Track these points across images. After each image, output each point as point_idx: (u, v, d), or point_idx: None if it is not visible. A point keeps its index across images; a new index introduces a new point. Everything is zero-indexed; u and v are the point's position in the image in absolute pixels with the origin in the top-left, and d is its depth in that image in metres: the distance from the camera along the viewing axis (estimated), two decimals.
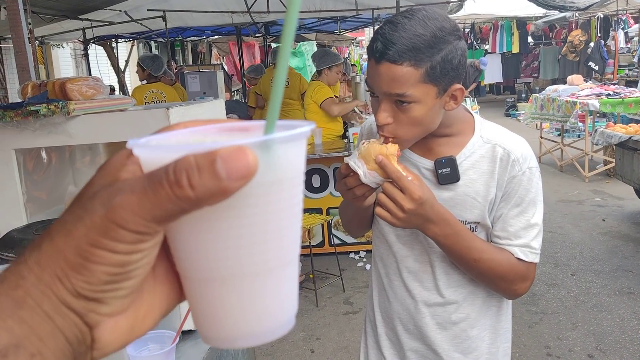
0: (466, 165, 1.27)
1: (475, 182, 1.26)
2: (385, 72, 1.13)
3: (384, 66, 1.13)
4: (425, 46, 1.10)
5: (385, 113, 1.17)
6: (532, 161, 1.27)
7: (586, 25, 14.51)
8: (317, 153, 4.75)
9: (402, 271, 1.36)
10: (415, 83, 1.12)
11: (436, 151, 1.29)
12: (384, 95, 1.16)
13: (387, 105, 1.16)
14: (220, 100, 1.76)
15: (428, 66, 1.12)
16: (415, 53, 1.10)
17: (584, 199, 6.52)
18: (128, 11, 7.56)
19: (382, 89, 1.15)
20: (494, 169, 1.26)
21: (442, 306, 1.34)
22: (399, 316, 1.39)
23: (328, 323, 3.88)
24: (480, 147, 1.28)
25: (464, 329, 1.34)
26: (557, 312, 3.82)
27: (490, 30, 16.34)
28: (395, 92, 1.13)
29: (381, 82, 1.14)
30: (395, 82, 1.13)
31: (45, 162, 1.53)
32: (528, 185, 1.26)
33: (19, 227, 1.35)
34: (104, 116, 1.43)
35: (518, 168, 1.25)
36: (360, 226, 1.47)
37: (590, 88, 7.89)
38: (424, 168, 1.30)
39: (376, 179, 1.14)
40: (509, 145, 1.27)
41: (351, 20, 11.08)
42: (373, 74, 1.16)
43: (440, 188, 1.27)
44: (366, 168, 1.13)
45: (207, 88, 9.27)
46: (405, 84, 1.12)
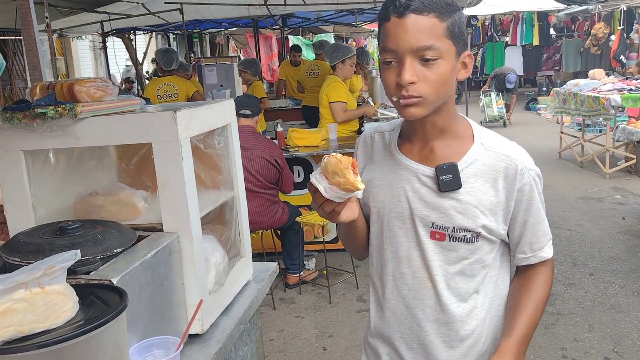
0: (468, 173, 1.23)
1: (478, 190, 1.23)
2: (412, 24, 1.11)
3: (410, 19, 1.11)
4: (445, 3, 1.13)
5: (410, 71, 1.13)
6: (534, 166, 1.28)
7: (609, 18, 14.22)
8: (332, 149, 4.72)
9: (401, 289, 1.32)
10: (441, 36, 1.12)
11: (435, 158, 1.26)
12: (410, 52, 1.12)
13: (412, 63, 1.13)
14: (230, 101, 1.74)
15: (449, 22, 1.13)
16: (439, 5, 1.11)
17: (604, 196, 6.41)
18: (145, 4, 7.57)
19: (410, 44, 1.12)
20: (497, 178, 1.23)
21: (446, 324, 1.30)
22: (401, 335, 1.35)
23: (341, 320, 3.86)
24: (482, 155, 1.25)
25: (471, 345, 1.31)
26: (573, 313, 3.76)
27: (511, 22, 16.09)
28: (423, 45, 1.11)
29: (407, 37, 1.11)
30: (422, 34, 1.11)
31: (53, 163, 1.52)
32: (538, 190, 1.27)
33: (26, 230, 1.35)
34: (111, 118, 1.42)
35: (527, 175, 1.24)
36: (356, 246, 1.42)
37: (612, 83, 7.72)
38: (423, 175, 1.26)
39: (338, 194, 1.10)
40: (513, 154, 1.26)
41: (369, 12, 10.98)
42: (396, 31, 1.13)
43: (442, 195, 1.23)
44: (327, 183, 1.10)
45: (224, 80, 9.27)
46: (432, 36, 1.12)
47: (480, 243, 1.26)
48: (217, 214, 1.67)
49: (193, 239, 1.42)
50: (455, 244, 1.25)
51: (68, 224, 1.29)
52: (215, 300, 1.56)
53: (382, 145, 1.37)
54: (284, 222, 4.14)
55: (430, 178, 1.25)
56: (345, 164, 1.08)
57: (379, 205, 1.32)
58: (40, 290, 0.98)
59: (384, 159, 1.34)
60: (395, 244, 1.31)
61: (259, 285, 1.84)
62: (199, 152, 1.55)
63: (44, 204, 1.52)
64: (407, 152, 1.30)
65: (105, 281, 1.15)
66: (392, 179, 1.30)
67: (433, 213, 1.24)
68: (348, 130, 5.28)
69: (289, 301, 4.24)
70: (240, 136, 4.42)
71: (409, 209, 1.27)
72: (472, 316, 1.30)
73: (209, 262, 1.54)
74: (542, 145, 9.42)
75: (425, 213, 1.25)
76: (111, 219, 1.43)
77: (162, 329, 1.33)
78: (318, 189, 1.11)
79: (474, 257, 1.27)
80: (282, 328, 3.82)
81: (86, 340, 0.97)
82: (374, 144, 1.38)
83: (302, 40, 13.55)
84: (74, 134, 1.40)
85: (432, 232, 1.25)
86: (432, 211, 1.24)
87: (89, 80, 1.46)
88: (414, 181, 1.26)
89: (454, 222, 1.23)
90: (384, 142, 1.37)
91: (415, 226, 1.27)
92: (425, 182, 1.25)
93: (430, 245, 1.26)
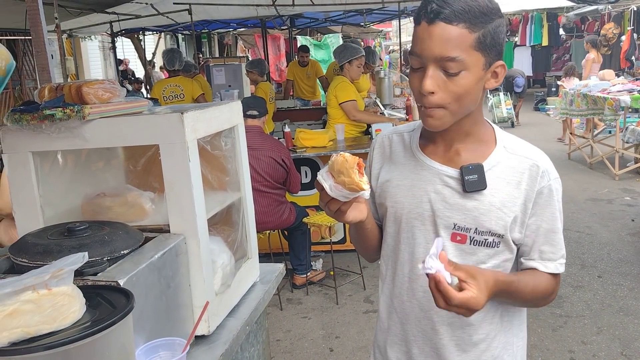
0: (492, 175, 1.23)
1: (501, 192, 1.22)
2: (439, 33, 1.09)
3: (438, 27, 1.09)
4: (480, 12, 1.09)
5: (432, 80, 1.12)
6: (556, 172, 1.27)
7: (619, 18, 14.12)
8: (339, 149, 4.72)
9: (417, 291, 1.31)
10: (468, 48, 1.10)
11: (459, 160, 1.25)
12: (434, 60, 1.11)
13: (435, 73, 1.12)
14: (237, 103, 1.74)
15: (481, 33, 1.10)
16: (471, 16, 1.09)
17: (613, 198, 6.36)
18: (154, 4, 7.60)
19: (433, 52, 1.10)
20: (520, 181, 1.23)
21: (461, 328, 1.29)
22: (414, 338, 1.34)
23: (348, 321, 3.86)
24: (506, 159, 1.25)
25: (484, 349, 1.30)
26: (582, 316, 3.74)
27: (520, 22, 16.02)
28: (447, 55, 1.10)
29: (433, 45, 1.10)
30: (448, 44, 1.09)
31: (61, 165, 1.53)
32: (557, 197, 1.26)
33: (34, 231, 1.36)
34: (119, 120, 1.42)
35: (547, 179, 1.24)
36: (366, 247, 1.42)
37: (621, 84, 7.67)
38: (447, 176, 1.25)
39: (343, 193, 1.10)
40: (536, 157, 1.25)
41: (377, 13, 10.99)
42: (423, 37, 1.11)
43: (465, 196, 1.23)
44: (333, 182, 1.10)
45: (232, 81, 9.30)
46: (458, 47, 1.09)
47: (501, 249, 1.24)
48: (223, 216, 1.67)
49: (200, 241, 1.43)
50: (476, 247, 1.24)
51: (76, 225, 1.30)
52: (221, 301, 1.56)
53: (402, 146, 1.36)
54: (291, 223, 4.14)
55: (454, 179, 1.24)
56: (350, 163, 1.08)
57: (398, 205, 1.31)
58: (48, 291, 0.99)
59: (405, 160, 1.33)
60: (413, 245, 1.30)
61: (266, 287, 1.84)
62: (206, 153, 1.56)
63: (53, 205, 1.52)
64: (431, 153, 1.29)
65: (112, 283, 1.15)
66: (413, 179, 1.29)
67: (456, 214, 1.23)
68: (356, 131, 5.28)
69: (296, 302, 4.25)
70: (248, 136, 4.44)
71: (430, 210, 1.26)
72: (486, 320, 1.29)
73: (216, 263, 1.54)
74: (551, 146, 9.37)
75: (447, 214, 1.24)
76: (118, 220, 1.44)
77: (168, 331, 1.33)
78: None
79: (492, 263, 1.25)
80: (289, 329, 3.82)
81: (92, 341, 0.97)
82: (392, 144, 1.37)
83: (310, 41, 13.55)
84: (82, 136, 1.40)
85: (453, 234, 1.25)
86: (455, 212, 1.23)
87: (97, 82, 1.46)
88: (437, 182, 1.26)
89: (476, 223, 1.22)
90: (404, 143, 1.36)
91: (437, 227, 1.26)
92: (449, 184, 1.25)
93: (450, 248, 1.25)
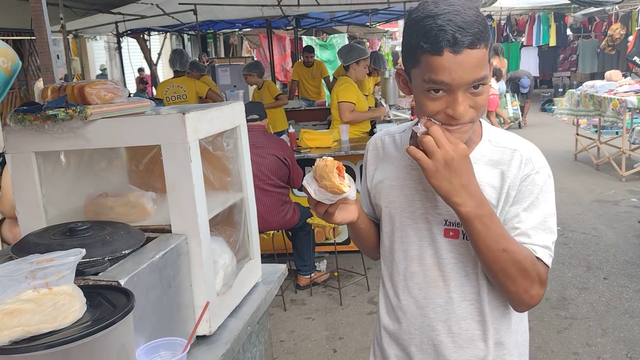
0: (476, 168, 1.20)
1: (487, 185, 1.23)
2: (468, 60, 1.09)
3: (465, 54, 1.09)
4: (485, 26, 1.12)
5: (466, 104, 1.13)
6: (544, 162, 1.25)
7: (626, 18, 14.05)
8: (343, 150, 4.71)
9: (412, 288, 1.32)
10: (486, 63, 1.13)
11: None
12: (464, 85, 1.11)
13: (464, 96, 1.13)
14: (240, 104, 1.74)
15: (489, 43, 1.13)
16: (485, 34, 1.11)
17: (619, 199, 6.33)
18: (160, 4, 7.62)
19: (465, 79, 1.10)
20: (505, 171, 1.23)
21: (457, 324, 1.29)
22: (411, 336, 1.35)
23: (352, 322, 3.86)
24: (490, 152, 1.26)
25: (481, 347, 1.30)
26: (587, 318, 3.72)
27: (526, 22, 15.96)
28: (479, 77, 1.11)
29: (464, 72, 1.10)
30: (478, 68, 1.11)
31: (64, 165, 1.54)
32: (543, 185, 1.22)
33: (36, 230, 1.37)
34: (121, 120, 1.43)
35: (531, 167, 1.23)
36: (366, 246, 1.47)
37: (628, 84, 7.63)
38: None
39: (327, 196, 1.16)
40: (520, 147, 1.26)
41: (383, 13, 10.97)
42: (450, 67, 1.09)
43: None
44: (317, 185, 1.15)
45: (238, 81, 9.32)
46: (484, 66, 1.12)
47: None
48: (225, 216, 1.68)
49: (201, 241, 1.43)
50: (468, 242, 1.24)
51: (78, 225, 1.31)
52: (223, 301, 1.57)
53: (394, 146, 1.38)
54: (295, 223, 4.14)
55: None
56: (330, 167, 1.13)
57: (391, 205, 1.33)
58: (48, 291, 0.99)
59: (396, 160, 1.35)
60: (406, 243, 1.32)
61: (268, 287, 1.84)
62: (207, 154, 1.56)
63: (55, 205, 1.53)
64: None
65: (113, 282, 1.16)
66: (404, 179, 1.32)
67: (445, 210, 1.25)
68: (360, 132, 5.27)
69: (300, 303, 4.25)
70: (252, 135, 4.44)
71: (421, 207, 1.28)
72: (483, 316, 1.29)
73: (217, 263, 1.54)
74: (558, 147, 9.33)
75: (438, 211, 1.26)
76: (121, 220, 1.44)
77: (169, 330, 1.33)
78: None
79: None
80: (292, 329, 3.82)
81: (93, 341, 0.97)
82: (385, 146, 1.40)
83: (316, 41, 13.56)
84: (84, 136, 1.41)
85: (445, 230, 1.26)
86: (445, 208, 1.24)
87: (100, 82, 1.47)
88: (426, 180, 1.26)
89: None
90: (395, 144, 1.38)
91: (429, 225, 1.28)
92: None
93: (444, 244, 1.27)
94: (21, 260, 1.04)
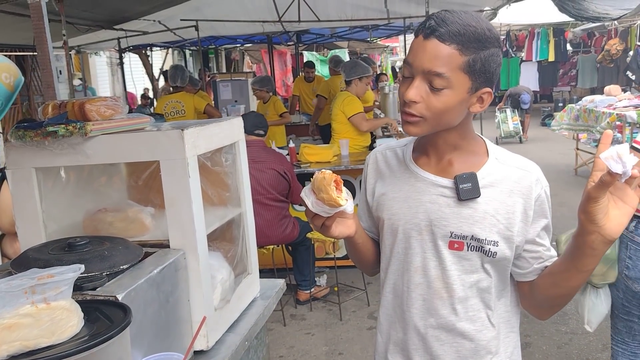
0: (484, 184, 1.26)
1: (495, 200, 1.25)
2: (431, 48, 1.15)
3: (432, 43, 1.15)
4: (475, 38, 1.15)
5: (416, 90, 1.18)
6: (546, 180, 1.31)
7: (625, 34, 14.15)
8: (343, 165, 4.73)
9: (416, 300, 1.32)
10: (455, 68, 1.16)
11: (452, 171, 1.29)
12: (422, 72, 1.17)
13: (421, 84, 1.18)
14: (239, 119, 1.76)
15: (471, 58, 1.15)
16: (464, 39, 1.14)
17: None
18: (162, 20, 7.70)
19: (423, 65, 1.17)
20: (513, 189, 1.26)
21: (461, 335, 1.30)
22: (414, 347, 1.35)
23: (351, 338, 3.84)
24: (498, 170, 1.29)
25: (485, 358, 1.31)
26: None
27: (526, 37, 16.07)
28: (434, 70, 1.16)
29: (423, 58, 1.16)
30: (437, 60, 1.15)
31: (64, 180, 1.55)
32: (549, 203, 1.30)
33: (35, 246, 1.38)
34: (120, 136, 1.44)
35: (540, 187, 1.28)
36: (362, 261, 1.47)
37: (628, 99, 7.67)
38: (441, 186, 1.29)
39: (324, 209, 1.17)
40: (527, 167, 1.30)
41: (383, 28, 11.07)
42: (417, 49, 1.18)
43: (460, 205, 1.26)
44: (314, 198, 1.16)
45: (239, 96, 9.36)
46: (446, 65, 1.15)
47: (498, 257, 1.26)
48: (224, 231, 1.69)
49: (199, 256, 1.44)
50: (473, 253, 1.26)
51: (76, 240, 1.32)
52: (221, 316, 1.57)
53: (395, 160, 1.40)
54: (295, 238, 4.15)
55: (449, 189, 1.27)
56: (328, 180, 1.14)
57: (394, 217, 1.34)
58: (46, 305, 1.00)
59: (399, 173, 1.37)
60: (410, 254, 1.32)
61: (266, 302, 1.85)
62: (206, 169, 1.57)
63: (55, 220, 1.54)
64: (425, 165, 1.33)
65: (111, 297, 1.17)
66: (408, 191, 1.33)
67: (452, 222, 1.26)
68: (360, 146, 5.30)
69: (300, 318, 4.24)
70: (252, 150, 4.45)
71: (426, 219, 1.29)
72: (486, 328, 1.30)
73: (215, 278, 1.55)
74: (558, 161, 9.34)
75: (443, 223, 1.27)
76: (120, 236, 1.45)
77: (167, 345, 1.34)
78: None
79: (490, 270, 1.28)
80: (292, 345, 3.81)
81: (90, 355, 0.98)
82: (386, 159, 1.42)
83: (317, 56, 13.65)
84: (84, 152, 1.43)
85: (450, 242, 1.27)
86: (451, 221, 1.26)
87: (100, 99, 1.49)
88: (432, 192, 1.29)
89: (472, 231, 1.25)
90: (397, 157, 1.40)
91: (434, 237, 1.29)
92: (444, 193, 1.28)
93: (449, 256, 1.28)
94: (22, 275, 1.05)
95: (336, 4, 7.77)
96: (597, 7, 6.97)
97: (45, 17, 1.95)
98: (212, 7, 7.42)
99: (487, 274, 1.28)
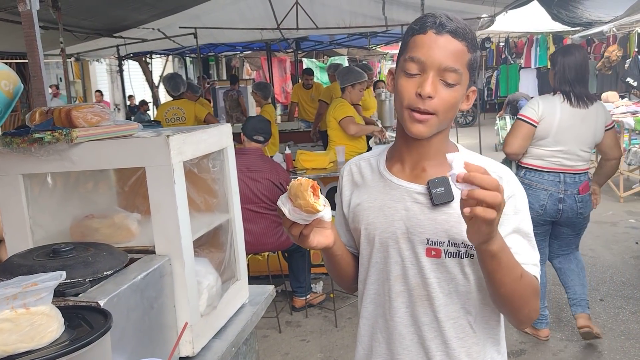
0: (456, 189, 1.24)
1: None
2: (446, 44, 1.18)
3: (446, 38, 1.18)
4: (473, 38, 1.21)
5: (433, 85, 1.19)
6: (518, 183, 1.31)
7: (625, 40, 14.17)
8: (339, 171, 4.73)
9: (398, 308, 1.32)
10: (464, 65, 1.20)
11: (426, 176, 1.29)
12: (437, 68, 1.18)
13: (435, 79, 1.19)
14: (227, 125, 1.77)
15: (472, 55, 1.21)
16: (468, 37, 1.20)
17: (617, 220, 6.32)
18: (161, 28, 7.73)
19: (439, 60, 1.18)
20: None
21: (444, 342, 1.30)
22: (400, 356, 1.34)
23: (347, 344, 3.84)
24: None
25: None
26: (582, 339, 3.69)
27: (525, 44, 16.10)
28: (451, 66, 1.18)
29: (439, 53, 1.18)
30: (453, 56, 1.18)
31: (51, 187, 1.56)
32: (523, 206, 1.28)
33: (21, 252, 1.38)
34: (106, 143, 1.45)
35: (511, 188, 1.27)
36: (341, 276, 1.45)
37: (625, 106, 7.68)
38: (416, 193, 1.29)
39: (302, 216, 1.14)
40: (497, 169, 1.29)
41: (382, 35, 11.08)
42: (430, 45, 1.19)
43: (434, 211, 1.25)
44: (291, 205, 1.14)
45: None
46: (459, 61, 1.19)
47: (476, 259, 1.24)
48: (211, 237, 1.69)
49: (184, 262, 1.45)
50: (451, 259, 1.26)
51: (61, 247, 1.32)
52: (207, 322, 1.57)
53: (369, 170, 1.40)
54: (290, 245, 4.15)
55: (423, 195, 1.27)
56: (304, 186, 1.13)
57: (371, 227, 1.34)
58: (26, 311, 1.01)
59: (373, 182, 1.37)
60: (389, 263, 1.32)
61: (254, 308, 1.85)
62: (193, 175, 1.58)
63: (42, 226, 1.55)
64: (398, 173, 1.34)
65: (93, 303, 1.17)
66: (383, 199, 1.33)
67: (427, 229, 1.26)
68: (356, 153, 5.30)
69: (295, 324, 4.23)
70: (248, 158, 4.43)
71: (403, 227, 1.29)
72: (467, 335, 1.30)
73: (201, 284, 1.55)
74: None
75: (419, 230, 1.27)
76: (106, 242, 1.46)
77: (151, 351, 1.34)
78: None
79: (470, 275, 1.28)
80: (287, 352, 3.80)
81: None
82: (360, 169, 1.42)
83: (316, 63, 13.68)
84: (70, 158, 1.44)
85: (427, 249, 1.27)
86: (427, 227, 1.26)
87: (86, 106, 1.50)
88: (407, 200, 1.29)
89: (448, 236, 1.25)
90: (371, 167, 1.40)
91: (412, 244, 1.28)
92: (418, 200, 1.28)
93: (427, 263, 1.28)
94: (8, 283, 1.05)
95: (334, 11, 7.79)
96: (590, 14, 7.00)
97: (36, 25, 1.97)
98: (211, 14, 7.44)
99: (466, 280, 1.28)
